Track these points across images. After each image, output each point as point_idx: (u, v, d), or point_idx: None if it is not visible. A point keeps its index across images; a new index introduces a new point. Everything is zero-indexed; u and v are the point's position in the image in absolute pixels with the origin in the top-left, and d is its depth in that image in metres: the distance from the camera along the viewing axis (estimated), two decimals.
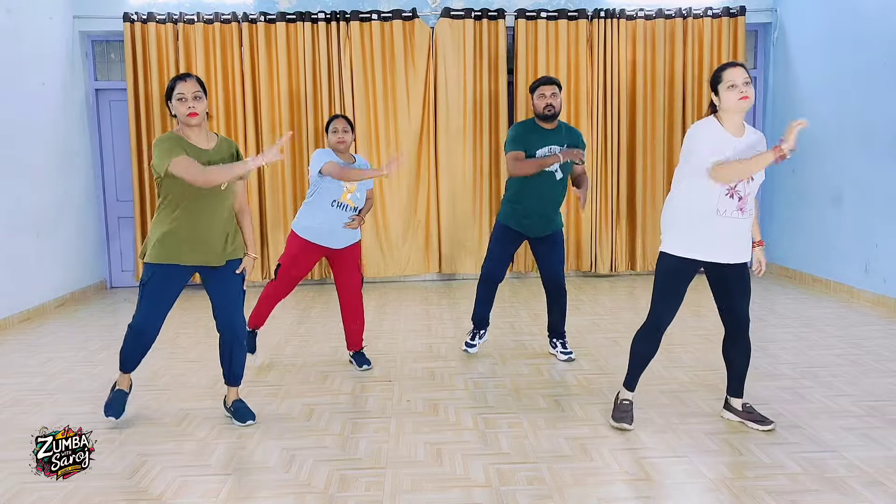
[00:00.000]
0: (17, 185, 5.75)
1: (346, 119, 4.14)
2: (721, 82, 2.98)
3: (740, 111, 2.99)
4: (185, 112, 3.11)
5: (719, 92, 2.99)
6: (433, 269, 7.28)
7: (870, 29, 5.72)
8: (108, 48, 7.19)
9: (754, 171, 2.95)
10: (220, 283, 3.32)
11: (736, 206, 3.01)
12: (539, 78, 4.19)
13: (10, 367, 4.49)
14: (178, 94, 3.11)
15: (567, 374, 4.09)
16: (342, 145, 4.08)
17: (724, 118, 3.02)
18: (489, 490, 2.68)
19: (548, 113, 4.05)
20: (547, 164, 4.00)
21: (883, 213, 5.61)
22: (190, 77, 3.16)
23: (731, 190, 3.00)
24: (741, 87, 2.93)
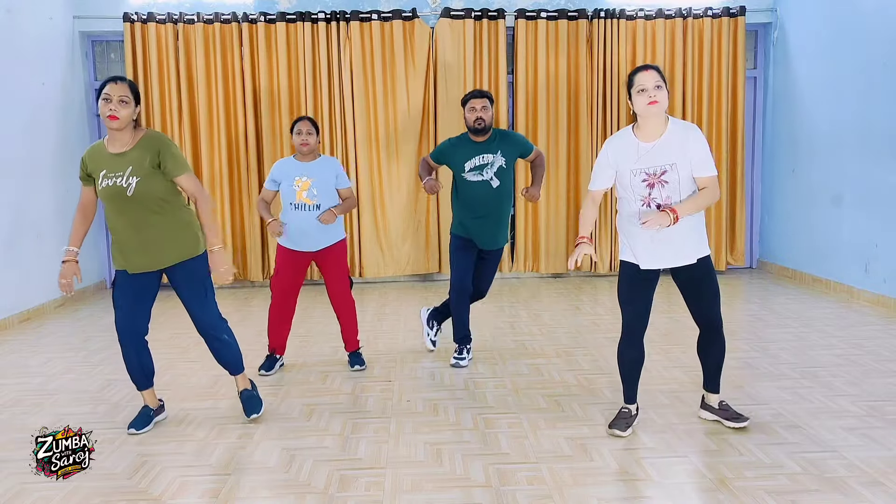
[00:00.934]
0: (17, 185, 5.75)
1: (310, 121, 4.15)
2: (633, 86, 2.97)
3: (651, 115, 2.95)
4: (105, 114, 3.04)
5: (631, 96, 2.99)
6: (433, 269, 7.28)
7: (869, 29, 5.72)
8: (108, 48, 7.19)
9: (581, 222, 3.17)
10: (177, 285, 3.27)
11: None
12: (469, 91, 4.31)
13: (10, 367, 4.49)
14: (104, 95, 3.04)
15: (567, 374, 4.09)
16: (305, 147, 4.09)
17: (640, 125, 3.03)
18: (489, 490, 2.68)
19: (478, 126, 4.10)
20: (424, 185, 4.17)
21: (883, 213, 5.61)
22: (122, 80, 3.09)
23: (644, 200, 3.01)
24: (651, 92, 2.91)
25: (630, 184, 3.03)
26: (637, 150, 3.01)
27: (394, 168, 7.04)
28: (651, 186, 2.99)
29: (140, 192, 3.08)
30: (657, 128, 2.99)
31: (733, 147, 7.20)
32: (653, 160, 2.98)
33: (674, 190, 2.97)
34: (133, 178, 3.07)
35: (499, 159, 4.14)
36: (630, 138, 3.04)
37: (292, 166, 4.13)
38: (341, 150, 6.99)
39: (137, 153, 3.12)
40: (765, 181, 7.48)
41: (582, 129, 7.06)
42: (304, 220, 4.05)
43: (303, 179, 4.06)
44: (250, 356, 4.55)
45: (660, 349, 4.56)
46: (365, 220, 7.09)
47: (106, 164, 3.12)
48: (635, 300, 3.15)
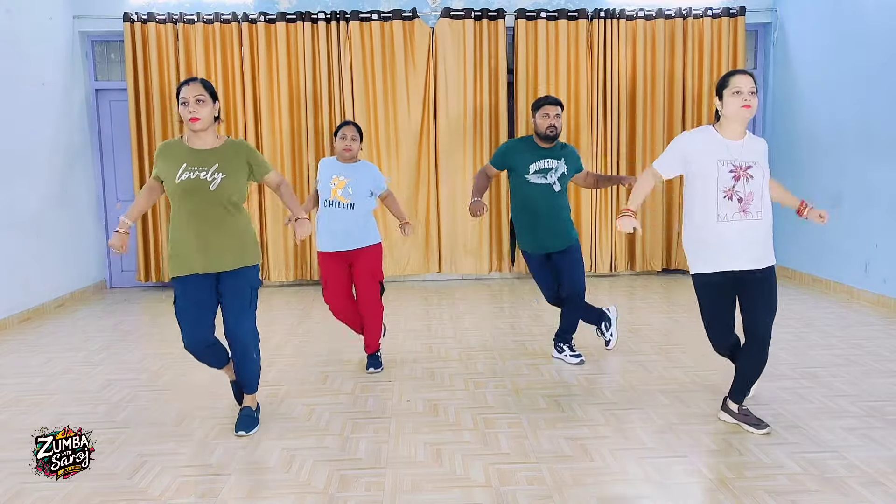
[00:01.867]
0: (17, 184, 5.75)
1: (355, 126, 4.15)
2: (727, 87, 2.99)
3: (741, 119, 2.99)
4: (186, 116, 3.10)
5: (724, 96, 3.00)
6: (433, 269, 7.28)
7: (870, 29, 5.72)
8: (108, 48, 7.19)
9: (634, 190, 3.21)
10: (225, 292, 3.24)
11: (737, 209, 3.00)
12: (543, 97, 4.22)
13: (10, 367, 4.49)
14: (182, 99, 3.10)
15: (567, 374, 4.09)
16: (348, 153, 4.10)
17: (724, 125, 3.04)
18: (489, 490, 2.68)
19: (550, 134, 4.09)
20: (471, 205, 4.10)
21: (883, 213, 5.61)
22: (195, 81, 3.14)
23: (727, 192, 3.00)
24: (745, 95, 2.94)
25: (716, 174, 3.00)
26: (724, 144, 3.02)
27: (394, 168, 7.04)
28: (737, 179, 2.99)
29: (222, 188, 3.13)
30: (740, 132, 3.04)
31: None
32: (740, 155, 3.01)
33: (756, 185, 3.00)
34: (219, 174, 3.13)
35: (562, 166, 4.14)
36: (714, 134, 3.06)
37: (332, 166, 4.15)
38: None
39: (226, 154, 3.19)
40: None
41: (582, 129, 7.06)
42: (337, 217, 4.06)
43: (340, 178, 4.07)
44: None
45: (660, 349, 4.56)
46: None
47: (187, 158, 3.13)
48: (719, 311, 3.15)
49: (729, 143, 3.02)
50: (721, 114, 3.04)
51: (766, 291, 3.09)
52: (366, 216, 4.14)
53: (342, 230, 4.07)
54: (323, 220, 4.12)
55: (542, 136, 4.11)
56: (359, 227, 4.10)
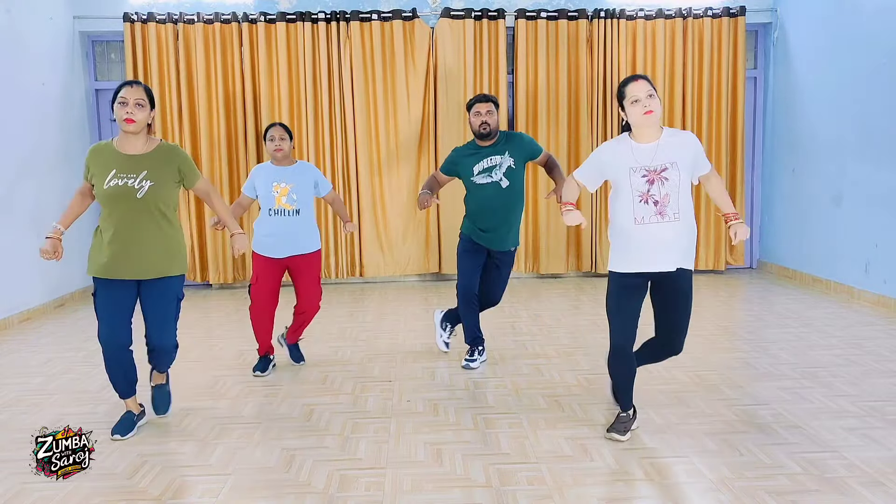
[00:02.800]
0: (17, 184, 5.75)
1: (283, 126, 4.12)
2: (625, 98, 2.99)
3: (648, 125, 2.98)
4: (122, 117, 3.08)
5: (624, 107, 3.01)
6: (433, 269, 7.28)
7: (870, 29, 5.72)
8: (108, 48, 7.19)
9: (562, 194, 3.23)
10: (148, 300, 3.23)
11: (654, 212, 2.99)
12: (475, 96, 4.25)
13: (10, 367, 4.49)
14: (120, 98, 3.09)
15: (567, 374, 4.09)
16: (279, 153, 4.06)
17: (635, 132, 3.04)
18: (489, 490, 2.68)
19: (483, 131, 4.08)
20: (419, 196, 4.16)
21: (883, 214, 5.61)
22: (138, 84, 3.15)
23: (643, 195, 2.99)
24: (644, 102, 2.94)
25: (629, 182, 3.02)
26: (634, 150, 3.03)
27: (394, 167, 7.04)
28: (651, 182, 2.99)
29: (149, 197, 3.11)
30: (653, 134, 3.03)
31: (733, 147, 7.21)
32: (652, 159, 2.99)
33: (673, 187, 2.98)
34: (147, 181, 3.11)
35: (507, 160, 4.11)
36: (626, 142, 3.07)
37: (270, 172, 4.09)
38: (341, 150, 6.99)
39: (155, 160, 3.16)
40: (765, 181, 7.48)
41: (582, 129, 7.06)
42: (282, 225, 4.03)
43: (282, 185, 4.03)
44: (250, 355, 4.57)
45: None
46: (365, 220, 7.09)
47: (116, 164, 3.13)
48: (625, 311, 3.12)
49: (641, 148, 3.01)
50: (628, 123, 3.05)
51: (682, 296, 3.09)
52: (310, 220, 4.13)
53: (288, 237, 4.04)
54: (265, 227, 4.06)
55: (476, 135, 4.13)
56: (305, 232, 4.08)
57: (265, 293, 4.10)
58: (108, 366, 3.25)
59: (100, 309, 3.20)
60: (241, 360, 4.52)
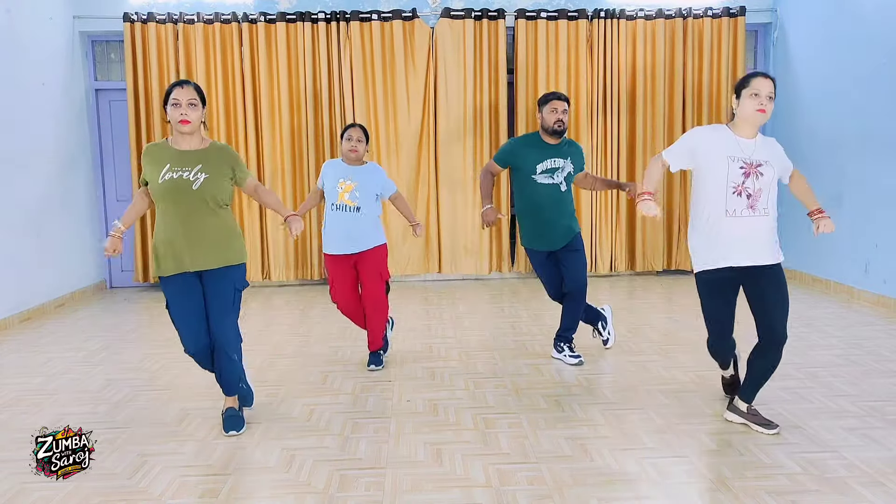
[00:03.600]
0: (17, 184, 5.76)
1: (361, 128, 4.16)
2: (746, 87, 3.00)
3: (754, 123, 3.01)
4: (176, 118, 3.11)
5: (741, 96, 3.01)
6: (433, 269, 7.28)
7: (870, 29, 5.72)
8: (108, 48, 7.19)
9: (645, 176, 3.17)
10: (209, 291, 3.24)
11: (746, 205, 3.02)
12: (550, 92, 4.19)
13: (10, 367, 4.49)
14: (173, 100, 3.11)
15: (567, 374, 4.09)
16: (354, 154, 4.11)
17: (737, 125, 3.06)
18: (489, 490, 2.68)
19: (558, 129, 4.06)
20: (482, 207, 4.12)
21: (883, 214, 5.61)
22: (188, 84, 3.16)
23: (737, 188, 3.01)
24: (763, 99, 2.96)
25: (727, 170, 3.01)
26: (735, 140, 3.04)
27: (394, 168, 7.04)
28: (747, 175, 3.01)
29: (205, 188, 3.14)
30: (752, 133, 3.06)
31: None
32: (752, 153, 3.03)
33: (765, 183, 3.03)
34: (202, 174, 3.14)
35: (568, 165, 4.13)
36: (726, 132, 3.08)
37: (339, 168, 4.15)
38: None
39: (210, 156, 3.20)
40: None
41: (582, 129, 7.06)
42: (344, 220, 4.08)
43: (347, 182, 4.08)
44: (250, 355, 4.55)
45: (660, 349, 4.56)
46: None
47: (171, 159, 3.15)
48: (718, 308, 3.17)
49: (741, 141, 3.04)
50: (735, 113, 3.05)
51: (778, 288, 3.09)
52: (373, 219, 4.15)
53: (349, 234, 4.09)
54: (330, 223, 4.14)
55: (549, 131, 4.09)
56: (366, 230, 4.12)
57: (345, 293, 4.21)
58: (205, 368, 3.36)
59: (176, 317, 3.21)
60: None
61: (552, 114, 4.06)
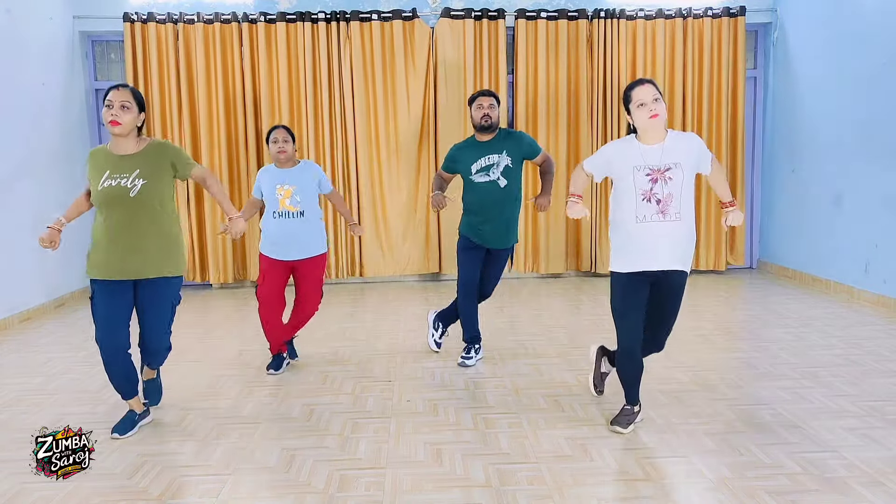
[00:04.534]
0: (17, 185, 5.75)
1: (285, 129, 4.13)
2: (630, 102, 3.03)
3: (653, 128, 3.03)
4: (107, 119, 3.11)
5: (630, 111, 3.05)
6: (433, 269, 7.28)
7: (870, 29, 5.72)
8: (108, 48, 7.19)
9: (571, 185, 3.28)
10: (144, 300, 3.24)
11: (655, 210, 3.03)
12: (477, 90, 4.33)
13: (10, 367, 4.49)
14: (107, 101, 3.11)
15: (567, 374, 4.09)
16: (282, 155, 4.08)
17: (641, 135, 3.08)
18: (489, 490, 2.68)
19: (484, 124, 4.11)
20: (432, 198, 4.20)
21: (883, 214, 5.61)
22: (125, 87, 3.17)
23: (646, 194, 3.03)
24: (650, 105, 2.98)
25: (633, 180, 3.05)
26: (640, 150, 3.07)
27: (394, 168, 7.04)
28: (654, 181, 3.03)
29: (143, 194, 3.13)
30: (659, 136, 3.07)
31: (733, 147, 7.21)
32: (657, 159, 3.04)
33: (675, 187, 3.02)
34: (140, 180, 3.13)
35: (504, 159, 4.13)
36: (633, 143, 3.11)
37: (273, 174, 4.12)
38: (341, 150, 6.99)
39: (147, 158, 3.19)
40: (765, 181, 7.48)
41: (582, 129, 7.07)
42: (287, 227, 4.05)
43: (285, 187, 4.05)
44: (248, 355, 4.57)
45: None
46: (365, 220, 7.09)
47: (110, 165, 3.16)
48: (630, 312, 3.14)
49: (646, 149, 3.07)
50: (634, 126, 3.09)
51: (673, 298, 3.16)
52: (315, 222, 4.14)
53: (292, 239, 4.06)
54: (271, 229, 4.08)
55: (477, 127, 4.15)
56: (309, 234, 4.10)
57: (272, 295, 4.11)
58: (107, 368, 3.26)
59: (97, 312, 3.21)
60: (241, 360, 4.52)
61: (478, 110, 4.12)
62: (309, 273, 4.15)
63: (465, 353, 4.33)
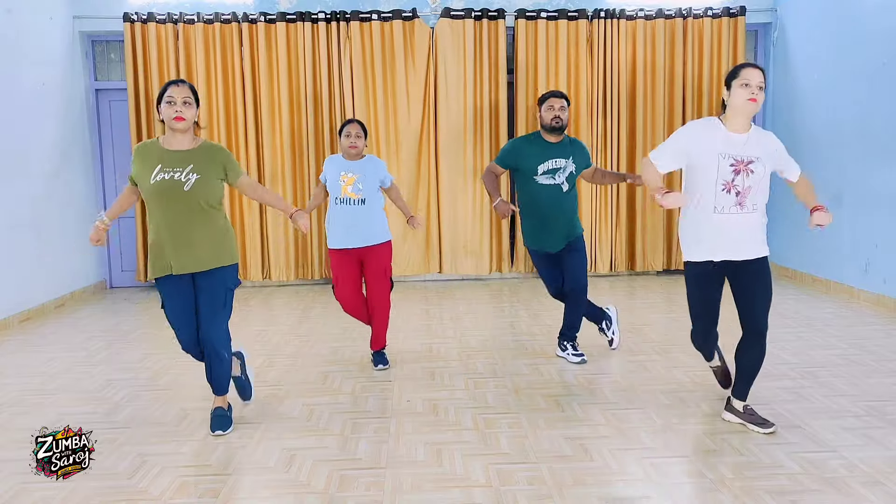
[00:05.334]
0: (17, 184, 5.75)
1: (359, 124, 4.18)
2: (736, 78, 2.99)
3: (745, 112, 2.99)
4: (171, 115, 3.11)
5: (732, 87, 3.00)
6: (433, 269, 7.28)
7: (869, 29, 5.72)
8: (108, 48, 7.19)
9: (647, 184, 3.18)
10: (201, 291, 3.25)
11: (734, 202, 3.02)
12: (549, 91, 4.24)
13: (10, 367, 4.49)
14: (168, 97, 3.12)
15: (567, 374, 4.09)
16: (353, 150, 4.13)
17: (729, 117, 3.04)
18: (489, 490, 2.68)
19: (555, 125, 4.07)
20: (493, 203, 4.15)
21: (883, 214, 5.61)
22: (183, 83, 3.17)
23: (727, 185, 3.01)
24: (753, 89, 2.95)
25: (717, 168, 3.00)
26: (726, 136, 3.03)
27: (394, 168, 7.04)
28: (737, 172, 3.01)
29: (196, 189, 3.14)
30: (745, 125, 3.04)
31: None
32: (742, 149, 3.01)
33: (756, 181, 3.01)
34: (193, 174, 3.14)
35: (570, 165, 4.12)
36: (718, 125, 3.06)
37: (339, 163, 4.19)
38: None
39: (201, 156, 3.20)
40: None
41: (582, 129, 7.06)
42: (349, 214, 4.10)
43: (349, 174, 4.11)
44: (250, 355, 4.56)
45: (660, 349, 4.55)
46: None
47: (162, 159, 3.15)
48: (704, 299, 3.18)
49: (732, 137, 3.03)
50: (727, 104, 3.04)
51: (761, 281, 3.11)
52: (377, 211, 4.18)
53: (354, 227, 4.11)
54: (334, 217, 4.16)
55: (547, 128, 4.10)
56: (370, 222, 4.14)
57: (348, 291, 4.19)
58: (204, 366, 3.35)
59: (172, 317, 3.25)
60: None
61: (549, 111, 4.08)
62: (375, 262, 4.16)
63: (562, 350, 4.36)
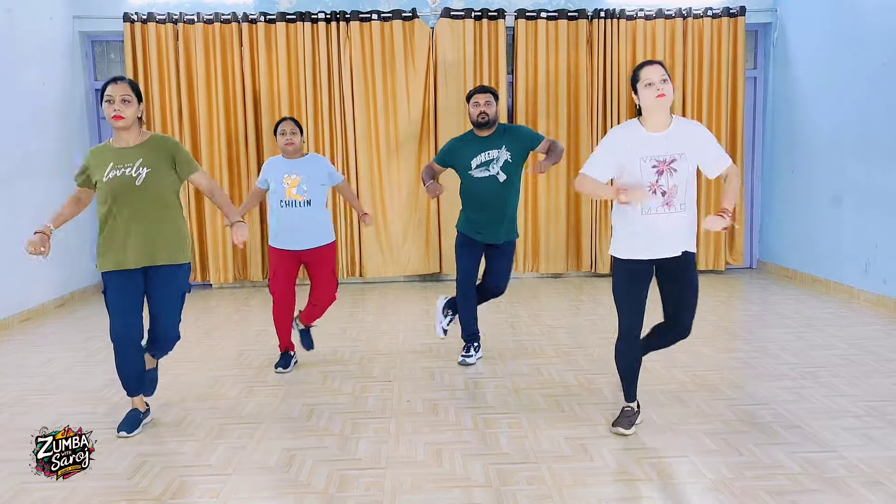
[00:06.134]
0: (17, 184, 5.75)
1: (293, 121, 4.18)
2: (639, 81, 3.00)
3: (659, 109, 2.99)
4: (110, 114, 3.13)
5: (637, 91, 3.02)
6: (433, 269, 7.28)
7: (870, 29, 5.72)
8: (108, 48, 7.19)
9: (596, 195, 3.21)
10: (155, 288, 3.27)
11: (661, 202, 3.01)
12: (474, 87, 4.32)
13: (10, 367, 4.49)
14: (107, 96, 3.12)
15: (567, 374, 4.09)
16: (290, 147, 4.13)
17: (647, 118, 3.04)
18: (489, 490, 2.68)
19: (482, 121, 4.12)
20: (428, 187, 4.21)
21: (883, 214, 5.61)
22: (122, 80, 3.17)
23: (652, 186, 3.01)
24: (658, 85, 2.94)
25: (639, 171, 3.02)
26: (646, 138, 3.03)
27: (394, 168, 7.04)
28: (660, 173, 3.00)
29: (148, 183, 3.16)
30: (664, 121, 3.03)
31: (733, 147, 7.20)
32: (663, 149, 3.01)
33: (681, 179, 3.00)
34: (143, 168, 3.16)
35: (504, 154, 4.13)
36: (637, 128, 3.07)
37: (280, 165, 4.17)
38: (341, 150, 6.99)
39: (148, 150, 3.21)
40: (765, 181, 7.48)
41: (582, 129, 7.06)
42: (294, 216, 4.10)
43: (292, 176, 4.10)
44: (250, 355, 4.57)
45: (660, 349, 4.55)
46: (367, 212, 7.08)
47: (113, 158, 3.19)
48: (633, 297, 3.15)
49: (652, 137, 3.02)
50: (639, 106, 3.05)
51: (688, 276, 3.13)
52: (322, 211, 4.19)
53: (300, 229, 4.10)
54: (278, 219, 4.14)
55: (475, 124, 4.16)
56: (316, 224, 4.15)
57: (284, 288, 4.17)
58: (119, 363, 3.28)
59: (111, 304, 3.24)
60: (241, 360, 4.53)
61: (475, 107, 4.13)
62: (320, 262, 4.19)
63: (464, 352, 4.34)
